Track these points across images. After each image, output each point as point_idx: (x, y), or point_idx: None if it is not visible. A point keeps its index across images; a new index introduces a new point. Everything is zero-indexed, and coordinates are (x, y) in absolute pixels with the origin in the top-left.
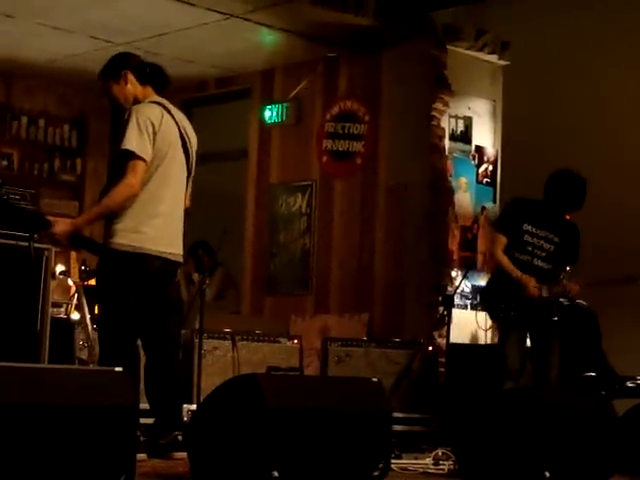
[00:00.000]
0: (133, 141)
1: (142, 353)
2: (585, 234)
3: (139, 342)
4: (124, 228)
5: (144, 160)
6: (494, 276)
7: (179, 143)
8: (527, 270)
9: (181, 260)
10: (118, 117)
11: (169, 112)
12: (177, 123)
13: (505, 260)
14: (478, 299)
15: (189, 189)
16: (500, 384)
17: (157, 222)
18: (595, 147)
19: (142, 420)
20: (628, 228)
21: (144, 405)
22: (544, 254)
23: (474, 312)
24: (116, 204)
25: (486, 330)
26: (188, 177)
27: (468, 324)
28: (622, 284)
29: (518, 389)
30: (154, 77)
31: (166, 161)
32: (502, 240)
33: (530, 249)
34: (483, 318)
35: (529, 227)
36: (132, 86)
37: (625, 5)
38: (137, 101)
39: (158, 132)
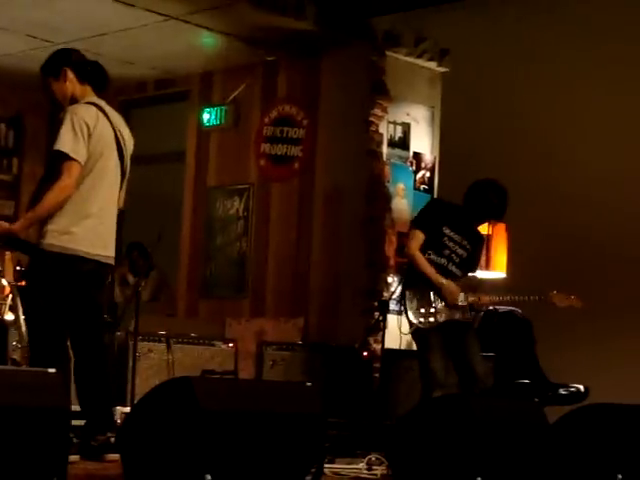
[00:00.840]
0: (67, 142)
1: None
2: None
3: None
4: (55, 229)
5: (78, 162)
6: (411, 278)
7: (114, 145)
8: (442, 274)
9: (112, 262)
10: (56, 116)
11: (104, 113)
12: (112, 125)
13: (423, 261)
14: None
15: (123, 191)
16: (429, 393)
17: (88, 223)
18: (533, 154)
19: (75, 422)
20: (564, 235)
21: (77, 407)
22: (458, 260)
23: None
24: (52, 207)
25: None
26: (122, 179)
27: (403, 330)
28: (533, 303)
29: (451, 395)
30: (94, 76)
31: (100, 163)
32: (420, 237)
33: (447, 253)
34: None
35: (448, 230)
36: (71, 84)
37: (563, 12)
38: (75, 100)
39: (93, 133)
